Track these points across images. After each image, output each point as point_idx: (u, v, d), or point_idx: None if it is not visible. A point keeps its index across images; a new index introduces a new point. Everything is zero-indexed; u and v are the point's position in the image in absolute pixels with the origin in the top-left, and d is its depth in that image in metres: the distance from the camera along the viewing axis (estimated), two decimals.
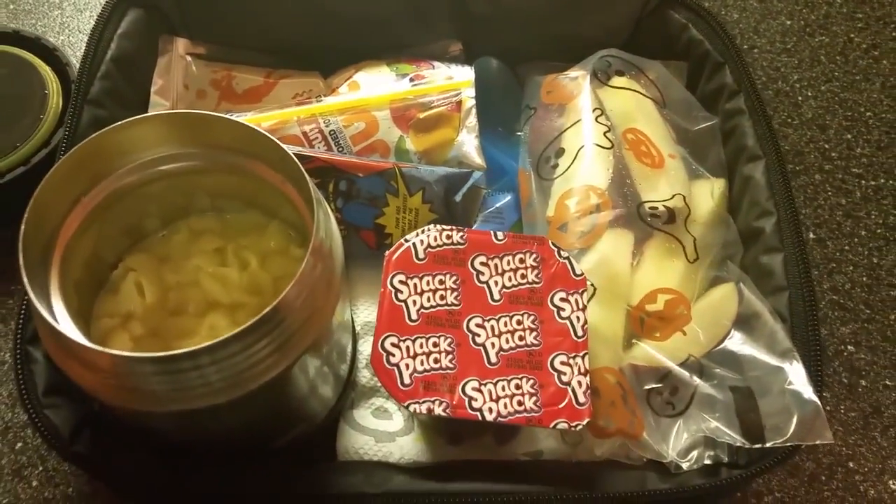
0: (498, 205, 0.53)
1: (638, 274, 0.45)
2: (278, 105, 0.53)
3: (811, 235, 0.58)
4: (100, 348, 0.30)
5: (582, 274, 0.41)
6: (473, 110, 0.51)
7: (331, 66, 0.56)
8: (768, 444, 0.40)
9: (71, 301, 0.37)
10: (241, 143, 0.38)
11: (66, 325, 0.33)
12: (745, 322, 0.44)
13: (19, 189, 0.49)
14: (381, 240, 0.49)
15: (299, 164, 0.35)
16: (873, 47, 0.68)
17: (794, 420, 0.39)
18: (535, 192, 0.49)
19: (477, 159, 0.51)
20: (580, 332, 0.39)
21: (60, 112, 0.55)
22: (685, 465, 0.40)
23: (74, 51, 0.66)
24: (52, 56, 0.57)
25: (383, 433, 0.43)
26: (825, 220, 0.59)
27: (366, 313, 0.48)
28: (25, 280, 0.31)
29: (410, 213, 0.49)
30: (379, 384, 0.45)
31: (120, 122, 0.35)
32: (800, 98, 0.65)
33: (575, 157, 0.47)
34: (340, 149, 0.50)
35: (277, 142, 0.36)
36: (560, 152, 0.49)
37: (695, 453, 0.41)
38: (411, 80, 0.52)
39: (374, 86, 0.52)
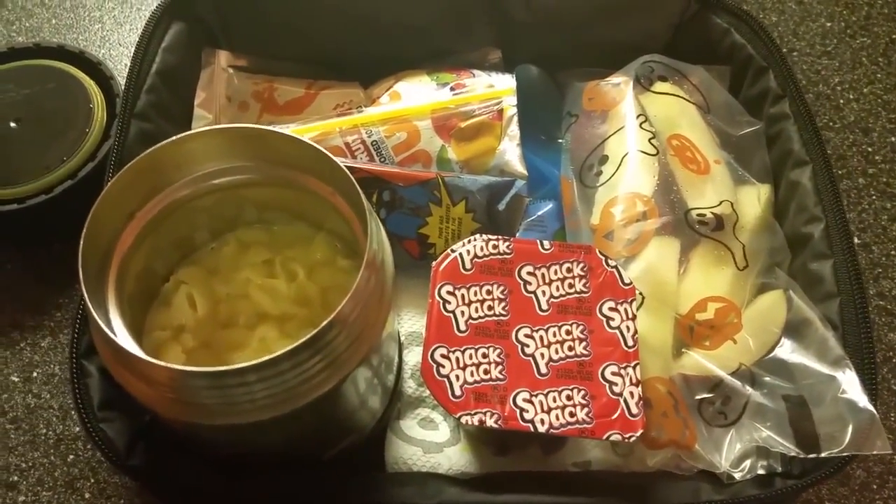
0: (540, 213, 0.53)
1: (685, 281, 0.45)
2: (320, 116, 0.53)
3: (856, 240, 0.57)
4: (158, 362, 0.31)
5: (630, 283, 0.40)
6: (515, 119, 0.51)
7: (370, 76, 0.56)
8: (823, 454, 0.39)
9: (125, 314, 0.37)
10: (292, 157, 0.38)
11: (124, 338, 0.34)
12: (794, 329, 0.43)
13: (67, 202, 0.52)
14: (424, 249, 0.49)
15: (351, 177, 0.35)
16: None
17: (850, 429, 0.39)
18: (579, 199, 0.49)
19: (519, 168, 0.51)
20: (630, 342, 0.39)
21: (105, 125, 0.55)
22: (738, 476, 0.40)
23: (115, 64, 0.67)
24: (96, 70, 0.58)
25: (431, 444, 0.43)
26: (870, 225, 0.58)
27: (410, 323, 0.48)
28: (86, 295, 0.32)
29: (454, 222, 0.49)
30: (425, 394, 0.45)
31: (175, 137, 0.36)
32: (841, 101, 0.64)
33: (619, 165, 0.47)
34: (383, 159, 0.50)
35: (329, 155, 0.36)
36: (604, 159, 0.49)
37: (747, 463, 0.41)
38: (452, 89, 0.52)
39: (415, 95, 0.52)
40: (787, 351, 0.42)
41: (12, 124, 0.55)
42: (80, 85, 0.56)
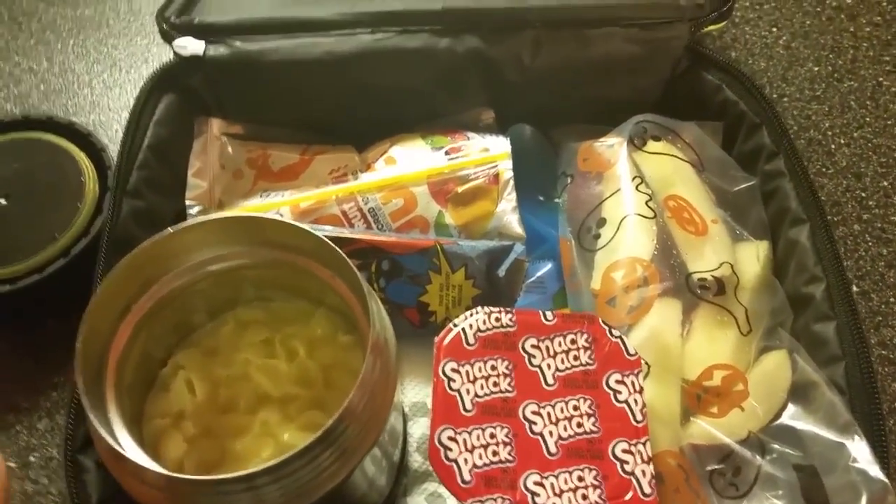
0: (539, 273, 0.53)
1: (689, 345, 0.44)
2: (315, 182, 0.53)
3: (854, 289, 0.57)
4: (163, 471, 0.30)
5: (635, 353, 0.40)
6: (511, 182, 0.51)
7: (365, 140, 0.56)
8: None
9: (124, 406, 0.37)
10: (289, 242, 0.38)
11: (126, 443, 0.33)
12: (801, 393, 0.43)
13: (61, 281, 0.51)
14: (425, 317, 0.49)
15: (350, 262, 0.35)
16: None
17: (864, 499, 0.38)
18: (578, 261, 0.49)
19: (517, 230, 0.51)
20: (639, 417, 0.38)
21: (98, 198, 0.54)
22: None
23: (106, 129, 0.66)
24: (86, 141, 0.57)
25: None
26: (867, 272, 0.58)
27: (413, 393, 0.48)
28: (85, 400, 0.31)
29: (453, 289, 0.49)
30: (431, 468, 0.44)
31: (170, 230, 0.36)
32: (833, 146, 0.64)
33: (618, 228, 0.47)
34: (380, 226, 0.50)
35: (328, 241, 0.36)
36: (602, 222, 0.49)
37: None
38: (447, 153, 0.52)
39: (411, 160, 0.52)
40: (796, 417, 0.42)
41: (2, 201, 0.54)
42: (71, 158, 0.55)
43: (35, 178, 0.55)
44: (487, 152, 0.52)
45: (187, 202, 0.52)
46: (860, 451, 0.39)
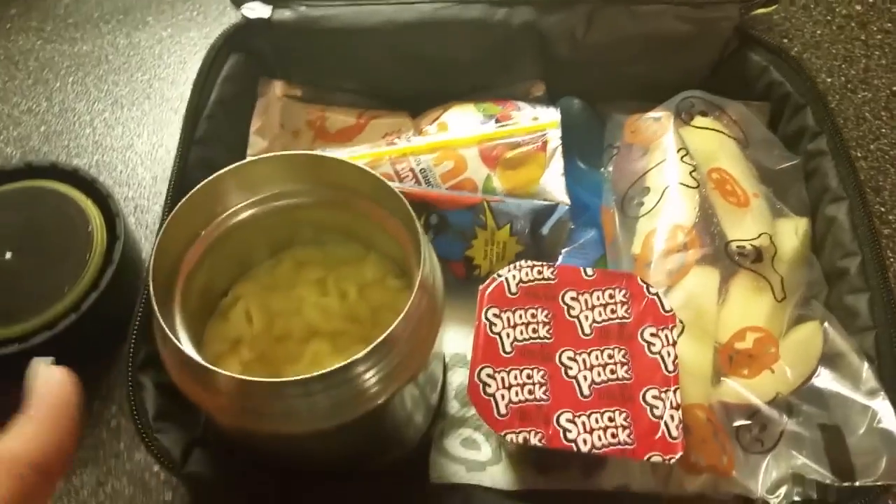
0: (581, 241, 0.54)
1: (724, 311, 0.46)
2: (369, 144, 0.56)
3: None
4: (227, 373, 0.33)
5: (671, 310, 0.42)
6: (559, 150, 0.53)
7: (418, 107, 0.58)
8: (858, 483, 0.40)
9: (189, 327, 0.39)
10: (349, 182, 0.40)
11: (190, 350, 0.36)
12: (830, 361, 0.44)
13: (72, 337, 0.48)
14: (469, 271, 0.51)
15: (406, 202, 0.37)
16: None
17: (885, 460, 0.40)
18: (620, 229, 0.50)
19: (562, 196, 0.53)
20: (671, 367, 0.40)
21: (106, 249, 0.51)
22: (774, 502, 0.41)
23: (110, 171, 0.63)
24: (91, 188, 0.53)
25: (474, 462, 0.44)
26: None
27: (454, 344, 0.50)
28: (156, 308, 0.34)
29: (498, 245, 0.51)
30: (468, 415, 0.47)
31: (239, 164, 0.38)
32: None
33: (661, 197, 0.49)
34: (430, 186, 0.52)
35: (385, 181, 0.38)
36: (645, 191, 0.50)
37: (783, 490, 0.41)
38: (497, 120, 0.54)
39: (462, 126, 0.54)
40: (824, 381, 0.43)
41: (8, 255, 0.50)
42: (77, 206, 0.52)
43: (41, 230, 0.51)
44: (537, 121, 0.54)
45: (248, 158, 0.55)
46: (886, 414, 0.40)
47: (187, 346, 0.36)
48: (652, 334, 0.41)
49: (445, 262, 0.50)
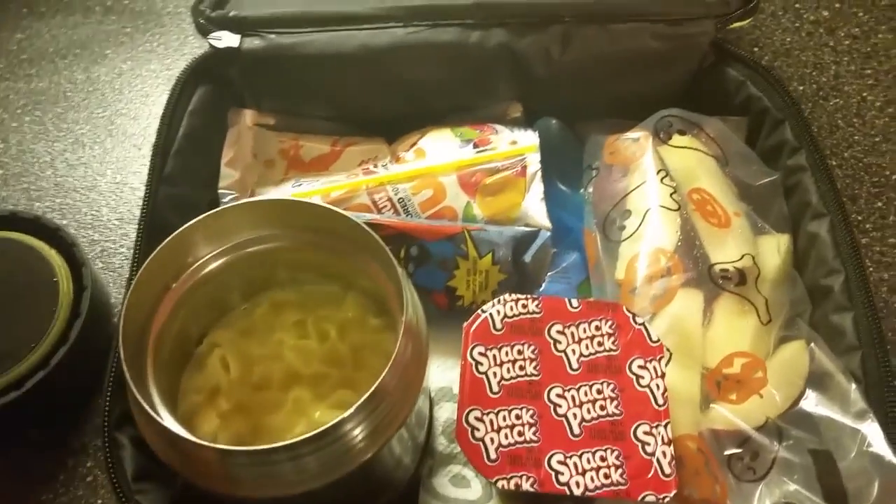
0: (564, 264, 0.54)
1: (709, 334, 0.45)
2: (346, 172, 0.54)
3: None
4: (207, 443, 0.31)
5: (658, 340, 0.41)
6: (538, 174, 0.52)
7: (394, 132, 0.57)
8: None
9: (161, 382, 0.38)
10: (326, 225, 0.39)
11: (168, 420, 0.34)
12: (817, 382, 0.44)
13: (42, 394, 0.46)
14: (452, 302, 0.50)
15: (387, 248, 0.36)
16: (888, 104, 0.66)
17: (877, 484, 0.39)
18: (602, 253, 0.50)
19: (543, 221, 0.52)
20: (661, 401, 0.39)
21: (73, 301, 0.49)
22: None
23: (74, 213, 0.61)
24: (55, 237, 0.51)
25: (464, 501, 0.44)
26: None
27: (439, 378, 0.49)
28: (127, 375, 0.33)
29: (480, 274, 0.50)
30: (455, 451, 0.46)
31: (209, 213, 0.37)
32: None
33: (642, 220, 0.48)
34: (409, 216, 0.51)
35: (362, 225, 0.37)
36: (626, 214, 0.50)
37: None
38: (475, 145, 0.53)
39: (440, 152, 0.53)
40: (812, 404, 0.43)
41: None
42: (41, 257, 0.50)
43: (3, 284, 0.49)
44: (515, 145, 0.53)
45: (220, 191, 0.53)
46: (875, 437, 0.40)
47: (164, 415, 0.35)
48: (640, 367, 0.41)
49: (427, 293, 0.50)
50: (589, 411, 0.39)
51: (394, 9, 0.55)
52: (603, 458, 0.38)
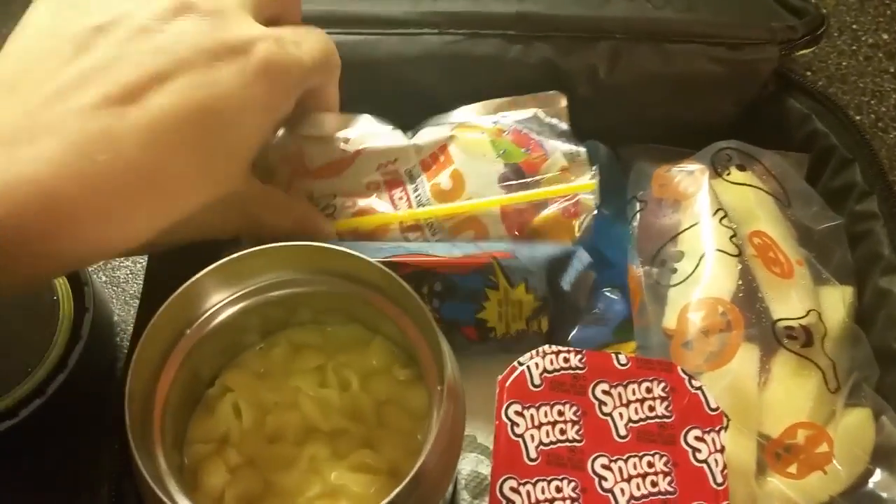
0: (604, 304, 0.50)
1: (766, 395, 0.41)
2: (365, 180, 0.49)
3: None
4: None
5: (717, 408, 0.37)
6: (591, 218, 0.47)
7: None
8: None
9: (168, 434, 0.34)
10: (357, 273, 0.35)
11: (175, 490, 0.31)
12: (886, 458, 0.40)
13: (37, 423, 0.43)
14: (483, 333, 0.46)
15: (423, 304, 0.33)
16: None
17: None
18: (649, 296, 0.46)
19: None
20: (720, 479, 0.35)
21: (74, 321, 0.45)
22: None
23: None
24: None
25: None
26: None
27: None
28: (137, 458, 0.29)
29: (514, 305, 0.45)
30: None
31: (227, 258, 0.33)
32: None
33: (697, 264, 0.44)
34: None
35: (399, 279, 0.33)
36: (678, 256, 0.45)
37: None
38: (521, 169, 0.48)
39: (481, 180, 0.48)
40: (882, 485, 0.39)
41: None
42: None
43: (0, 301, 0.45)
44: (568, 173, 0.48)
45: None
46: None
47: (172, 488, 0.31)
48: (697, 438, 0.37)
49: (456, 326, 0.45)
50: (638, 487, 0.35)
51: (428, 14, 0.51)
52: None
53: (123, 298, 0.53)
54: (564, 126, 0.52)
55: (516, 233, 0.47)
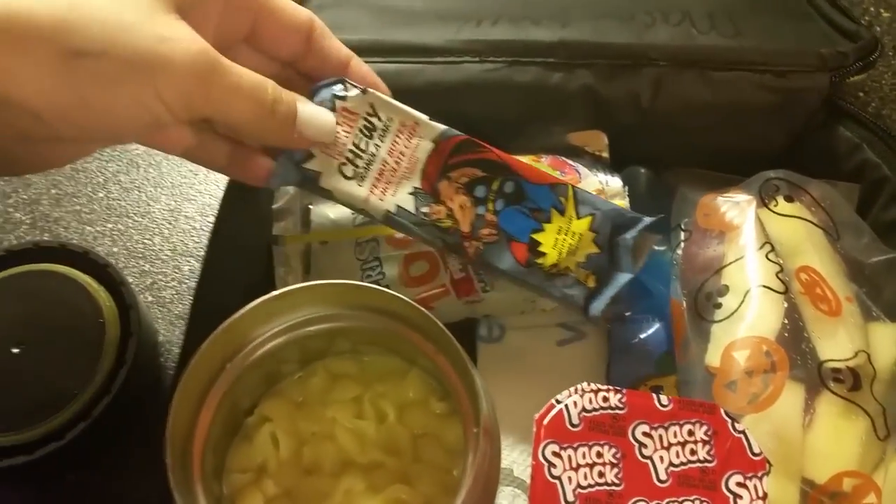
0: (644, 335, 0.49)
1: (810, 438, 0.40)
2: None
3: None
4: None
5: (760, 453, 0.36)
6: None
7: None
8: None
9: (207, 465, 0.35)
10: (391, 309, 0.35)
11: None
12: None
13: (81, 445, 0.44)
14: (533, 257, 0.44)
15: (457, 344, 0.33)
16: None
17: None
18: (692, 331, 0.45)
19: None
20: None
21: (119, 345, 0.45)
22: None
23: (125, 240, 0.58)
24: (103, 273, 0.48)
25: None
26: None
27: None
28: (177, 496, 0.29)
29: (573, 237, 0.44)
30: None
31: (272, 294, 0.34)
32: None
33: (742, 301, 0.43)
34: None
35: (436, 321, 0.33)
36: (723, 290, 0.44)
37: None
38: None
39: None
40: None
41: (14, 350, 0.45)
42: (88, 295, 0.47)
43: (49, 321, 0.47)
44: (602, 196, 0.48)
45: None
46: None
47: None
48: (739, 484, 0.36)
49: (508, 239, 0.44)
50: None
51: (470, 42, 0.51)
52: None
53: (169, 319, 0.54)
54: (604, 155, 0.52)
55: None
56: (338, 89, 0.41)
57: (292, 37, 0.40)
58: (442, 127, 0.43)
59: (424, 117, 0.43)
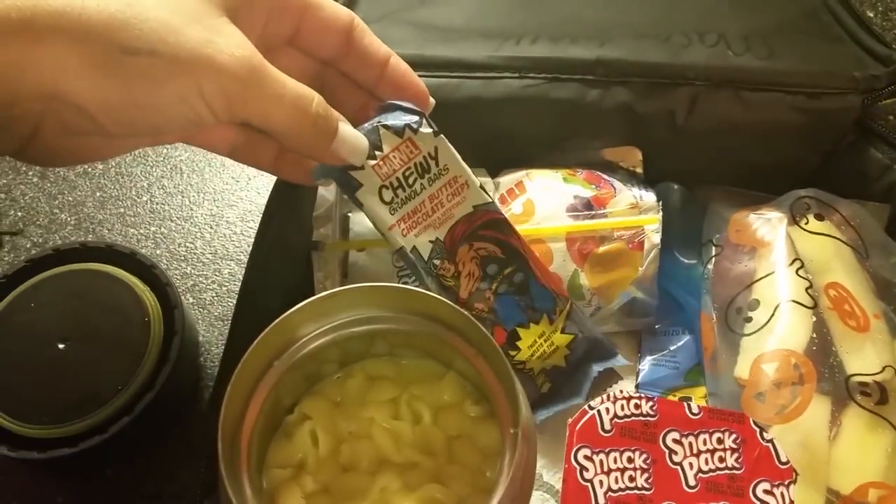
0: (673, 347, 0.50)
1: (836, 450, 0.41)
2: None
3: None
4: None
5: (787, 462, 0.37)
6: (657, 250, 0.48)
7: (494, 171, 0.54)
8: None
9: (252, 459, 0.36)
10: (433, 312, 0.37)
11: None
12: None
13: (124, 439, 0.45)
14: (508, 346, 0.45)
15: (499, 348, 0.34)
16: None
17: None
18: (721, 343, 0.46)
19: (651, 297, 0.48)
20: None
21: (163, 343, 0.47)
22: None
23: (168, 243, 0.60)
24: (149, 274, 0.50)
25: None
26: None
27: None
28: (227, 485, 0.31)
29: (550, 346, 0.46)
30: None
31: (320, 295, 0.35)
32: None
33: (772, 315, 0.44)
34: None
35: (479, 325, 0.34)
36: (754, 304, 0.45)
37: None
38: (590, 204, 0.49)
39: (550, 209, 0.49)
40: None
41: (60, 346, 0.46)
42: (134, 294, 0.48)
43: (95, 319, 0.48)
44: (636, 210, 0.49)
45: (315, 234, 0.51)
46: None
47: None
48: (766, 491, 0.37)
49: (493, 322, 0.45)
50: None
51: (509, 59, 0.52)
52: None
53: (209, 320, 0.55)
54: (638, 170, 0.53)
55: (580, 262, 0.48)
56: (414, 120, 0.41)
57: (333, 36, 0.40)
58: (487, 199, 0.43)
59: (476, 182, 0.43)
